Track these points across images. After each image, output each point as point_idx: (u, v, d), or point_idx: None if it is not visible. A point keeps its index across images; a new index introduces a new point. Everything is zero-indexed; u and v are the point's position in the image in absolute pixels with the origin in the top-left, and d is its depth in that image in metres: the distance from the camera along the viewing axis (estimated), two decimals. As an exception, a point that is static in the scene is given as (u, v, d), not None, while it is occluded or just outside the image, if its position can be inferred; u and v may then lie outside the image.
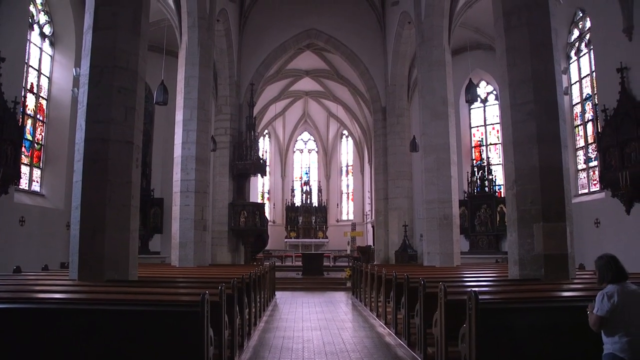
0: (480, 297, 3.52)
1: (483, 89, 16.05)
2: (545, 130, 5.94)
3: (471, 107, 16.21)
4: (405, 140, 15.29)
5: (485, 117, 16.16)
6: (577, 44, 11.63)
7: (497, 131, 15.68)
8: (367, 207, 23.38)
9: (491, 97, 16.02)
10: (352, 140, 25.99)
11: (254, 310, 6.81)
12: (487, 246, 14.27)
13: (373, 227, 18.95)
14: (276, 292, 11.56)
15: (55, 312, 3.41)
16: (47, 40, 11.26)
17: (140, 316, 3.45)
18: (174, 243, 10.24)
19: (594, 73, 10.75)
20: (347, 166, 27.21)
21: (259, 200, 23.81)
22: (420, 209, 12.79)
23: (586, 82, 11.40)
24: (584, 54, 11.38)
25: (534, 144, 5.93)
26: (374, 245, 17.57)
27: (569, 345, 3.46)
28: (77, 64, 7.90)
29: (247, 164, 14.71)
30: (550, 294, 4.36)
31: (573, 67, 11.84)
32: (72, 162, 5.86)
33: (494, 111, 15.88)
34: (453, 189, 10.16)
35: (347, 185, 27.15)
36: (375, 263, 14.92)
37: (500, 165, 14.95)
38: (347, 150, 27.22)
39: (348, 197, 27.00)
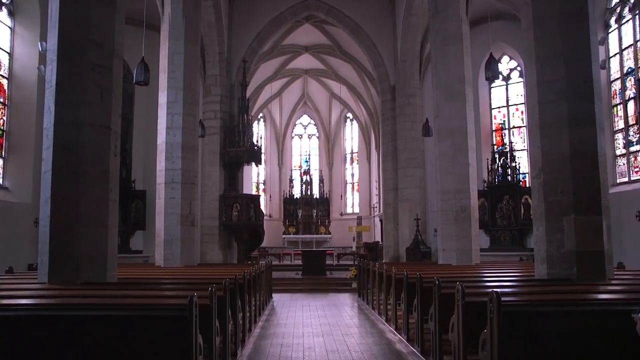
0: (503, 298, 3.46)
1: (505, 64, 15.98)
2: (577, 110, 5.84)
3: (492, 85, 16.17)
4: (416, 124, 15.29)
5: (507, 97, 16.09)
6: (618, 10, 11.39)
7: (522, 112, 15.65)
8: (375, 199, 23.49)
9: (515, 74, 15.94)
10: (357, 124, 26.01)
11: (248, 314, 6.83)
12: (510, 242, 14.31)
13: (381, 221, 19.07)
14: (273, 294, 11.65)
15: (23, 320, 3.37)
16: (4, 9, 11.07)
17: (120, 323, 3.43)
18: (158, 240, 10.30)
19: (638, 43, 10.56)
20: (352, 153, 27.27)
21: (254, 192, 23.98)
22: (434, 200, 12.83)
23: (628, 54, 11.18)
24: (627, 21, 11.13)
25: (565, 127, 5.84)
26: (382, 241, 17.70)
27: (604, 355, 3.42)
28: (43, 38, 7.80)
29: (239, 152, 14.77)
30: (583, 296, 4.31)
31: (612, 37, 11.61)
32: (40, 150, 5.81)
33: (517, 90, 15.81)
34: (471, 178, 10.17)
35: (352, 175, 27.28)
36: (383, 261, 15.09)
37: (525, 151, 14.95)
38: (351, 136, 27.27)
39: (353, 188, 27.11)
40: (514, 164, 14.66)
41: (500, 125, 16.12)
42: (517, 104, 15.88)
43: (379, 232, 21.16)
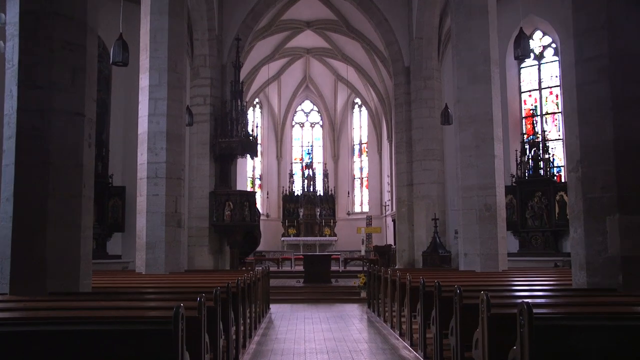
0: (535, 310, 3.42)
1: (538, 41, 15.93)
2: (622, 92, 5.75)
3: (522, 65, 16.14)
4: (435, 110, 15.27)
5: (540, 79, 16.04)
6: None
7: (557, 96, 15.60)
8: (387, 196, 23.49)
9: (549, 52, 15.87)
10: (366, 111, 26.02)
11: (243, 328, 6.84)
12: (543, 246, 14.31)
13: (394, 221, 19.21)
14: (271, 305, 11.68)
15: (-19, 336, 3.36)
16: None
17: (95, 338, 3.42)
18: (140, 244, 10.32)
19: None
20: (361, 144, 27.29)
21: (249, 188, 24.18)
22: (454, 197, 12.72)
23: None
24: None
25: (607, 112, 5.76)
26: (395, 244, 17.84)
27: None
28: (2, 9, 7.79)
29: (232, 142, 14.76)
30: (630, 309, 4.27)
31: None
32: (0, 141, 5.80)
33: (552, 70, 15.77)
34: (497, 172, 10.22)
35: (361, 169, 27.31)
36: (397, 267, 15.24)
37: (560, 141, 14.89)
38: (360, 124, 27.29)
39: (362, 184, 27.16)
40: (547, 156, 14.62)
41: (531, 112, 16.07)
42: (551, 87, 15.82)
43: (391, 234, 21.20)
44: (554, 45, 15.54)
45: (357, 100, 26.52)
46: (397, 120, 16.93)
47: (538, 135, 15.08)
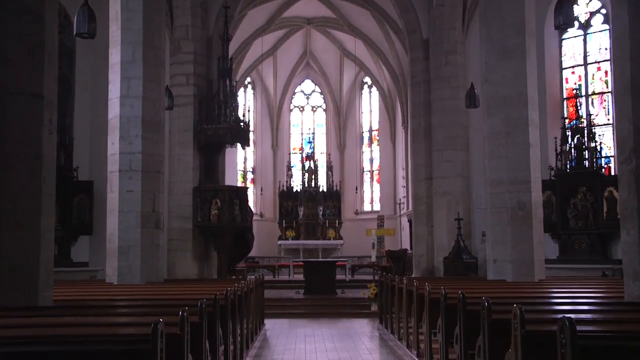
0: (578, 327, 3.42)
1: (584, 6, 15.85)
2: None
3: (563, 37, 16.04)
4: (458, 91, 15.16)
5: (586, 52, 15.97)
6: None
7: (606, 73, 15.51)
8: (401, 192, 23.53)
9: (597, 20, 15.78)
10: (377, 92, 26.04)
11: (232, 347, 6.89)
12: (588, 251, 14.26)
13: (410, 221, 19.18)
14: (266, 320, 11.76)
15: None
16: None
17: (58, 360, 3.40)
18: (111, 248, 10.28)
19: None
20: (371, 131, 27.32)
21: (240, 183, 24.14)
22: (481, 194, 12.77)
23: None
24: None
25: (668, 91, 5.76)
26: (411, 249, 17.79)
27: None
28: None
29: (220, 129, 14.71)
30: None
31: None
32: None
33: (600, 41, 15.65)
34: (533, 164, 10.15)
35: (371, 160, 27.39)
36: (413, 275, 15.27)
37: (610, 126, 14.80)
38: (370, 108, 27.30)
39: (372, 178, 27.27)
40: (593, 144, 14.54)
41: (575, 92, 16.00)
42: (599, 62, 15.72)
43: (406, 237, 21.19)
44: (603, 10, 15.41)
45: (367, 79, 26.49)
46: (413, 103, 16.85)
47: (582, 120, 15.01)
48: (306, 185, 25.16)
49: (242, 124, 15.36)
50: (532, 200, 10.05)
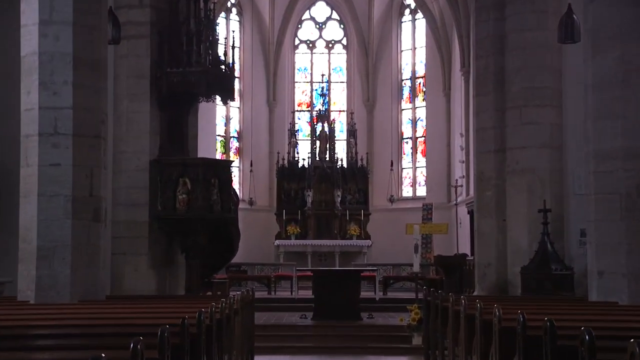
0: None
1: None
2: None
3: None
4: (546, 18, 13.10)
5: None
6: None
7: None
8: (458, 171, 20.88)
9: None
10: (424, 21, 22.94)
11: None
12: None
13: (471, 214, 17.08)
14: (257, 358, 10.54)
15: None
16: None
17: None
18: (26, 250, 9.01)
19: None
20: (414, 79, 24.16)
21: (219, 156, 21.38)
22: (580, 173, 11.28)
23: None
24: None
25: None
26: (472, 254, 15.71)
27: None
28: None
29: (191, 75, 12.52)
30: None
31: None
32: None
33: None
34: (661, 129, 8.91)
35: (414, 122, 24.15)
36: (476, 293, 13.61)
37: None
38: (413, 45, 24.10)
39: (415, 149, 24.08)
40: None
41: None
42: None
43: (466, 237, 18.91)
44: None
45: (410, 1, 23.30)
46: (478, 37, 14.52)
47: None
48: (317, 158, 22.29)
49: (223, 66, 13.17)
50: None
